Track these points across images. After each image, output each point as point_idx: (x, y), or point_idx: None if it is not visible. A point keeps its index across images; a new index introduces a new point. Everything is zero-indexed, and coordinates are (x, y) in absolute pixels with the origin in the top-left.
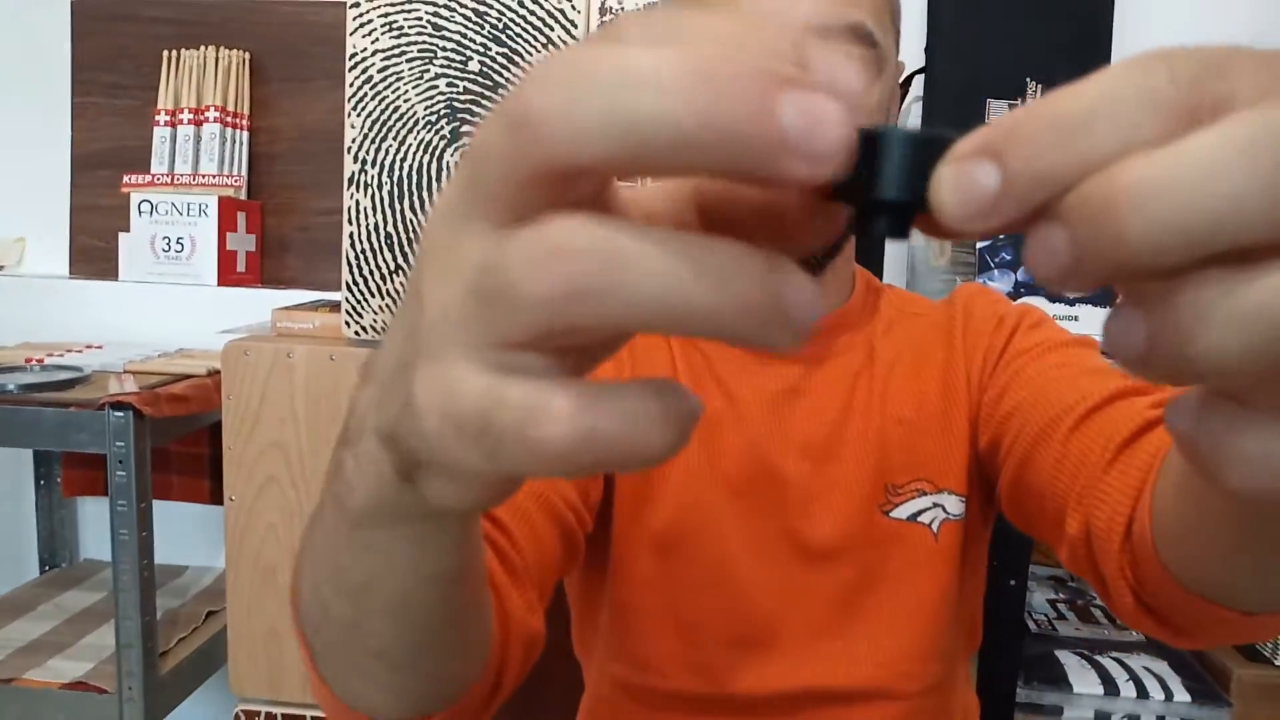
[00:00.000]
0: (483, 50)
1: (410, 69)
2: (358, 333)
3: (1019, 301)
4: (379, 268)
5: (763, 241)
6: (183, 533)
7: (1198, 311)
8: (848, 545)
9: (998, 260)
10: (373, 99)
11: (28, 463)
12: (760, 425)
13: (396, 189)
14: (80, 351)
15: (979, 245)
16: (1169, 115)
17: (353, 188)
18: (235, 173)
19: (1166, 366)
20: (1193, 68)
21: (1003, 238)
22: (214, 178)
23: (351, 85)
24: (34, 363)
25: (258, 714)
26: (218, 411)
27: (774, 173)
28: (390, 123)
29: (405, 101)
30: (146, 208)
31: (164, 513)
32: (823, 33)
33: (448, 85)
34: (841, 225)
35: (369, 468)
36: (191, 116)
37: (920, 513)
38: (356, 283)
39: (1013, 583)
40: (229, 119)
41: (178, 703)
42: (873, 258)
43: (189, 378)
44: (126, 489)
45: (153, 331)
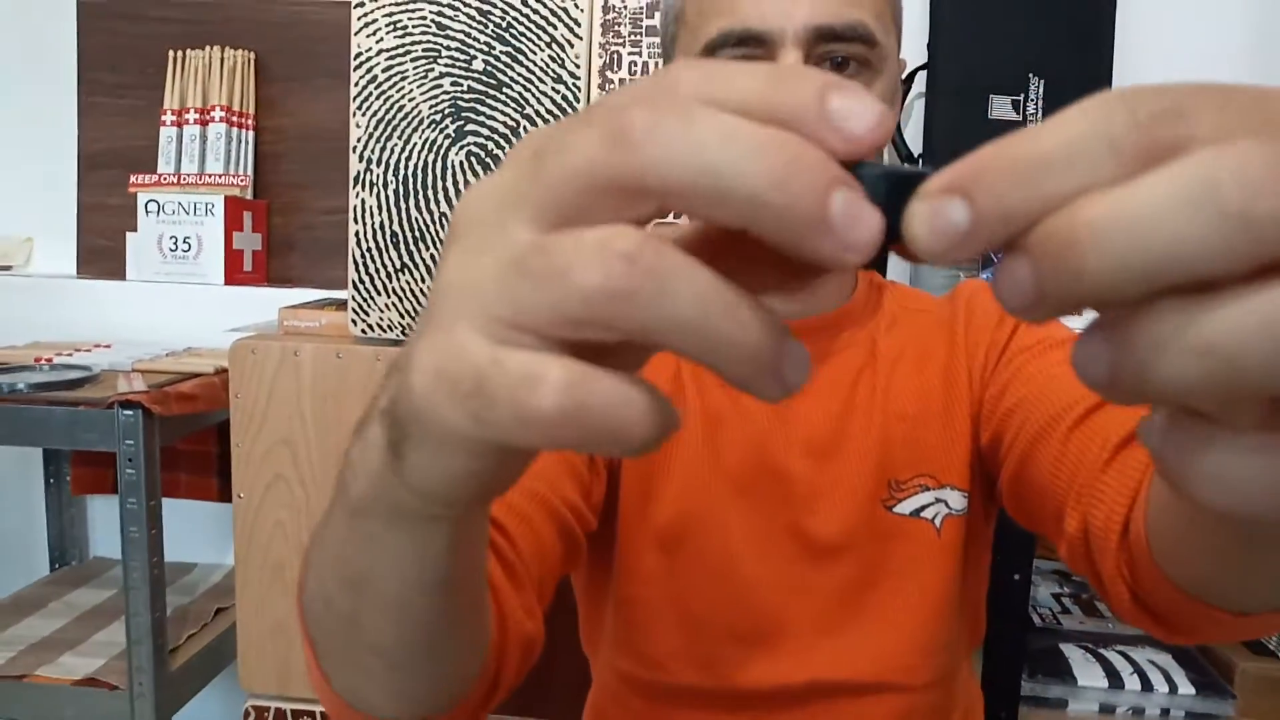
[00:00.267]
0: (487, 49)
1: (415, 68)
2: (364, 331)
3: None
4: (385, 266)
5: (757, 272)
6: (191, 531)
7: (1156, 342)
8: (851, 541)
9: (1000, 257)
10: (377, 98)
11: (37, 461)
12: (763, 422)
13: (402, 188)
14: (89, 351)
15: None
16: (1128, 156)
17: (358, 186)
18: (241, 172)
19: (1129, 393)
20: (1152, 109)
21: None
22: (220, 177)
23: (356, 85)
24: (43, 362)
25: (267, 709)
26: (225, 410)
27: (807, 246)
28: (395, 122)
29: (410, 100)
30: (154, 207)
31: (172, 511)
32: (826, 34)
33: (452, 84)
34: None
35: (369, 450)
36: (197, 116)
37: (923, 508)
38: (362, 281)
39: (1017, 577)
40: (235, 119)
41: (188, 699)
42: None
43: (197, 376)
44: (136, 487)
45: (160, 330)
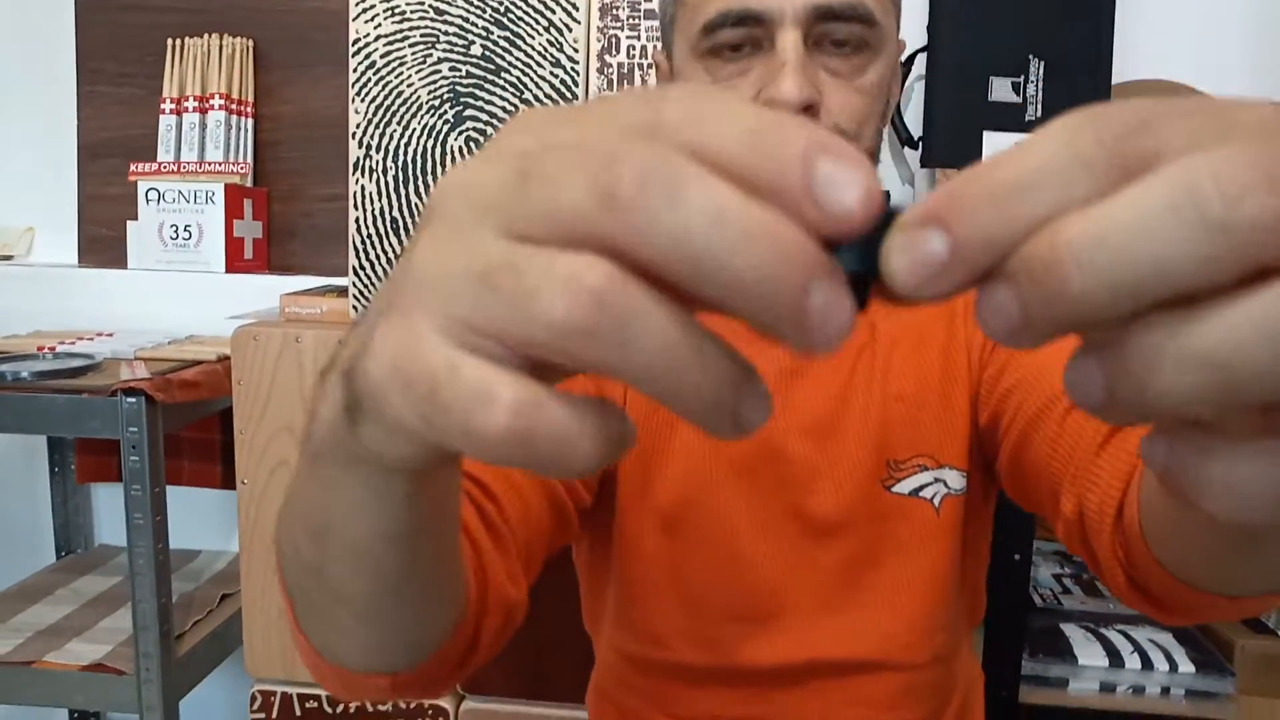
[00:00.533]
0: (485, 34)
1: (413, 54)
2: None
3: None
4: (385, 252)
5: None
6: (195, 518)
7: (1150, 357)
8: (850, 520)
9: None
10: (376, 84)
11: (42, 450)
12: None
13: (401, 174)
14: (91, 339)
15: None
16: (1100, 174)
17: (358, 173)
18: (241, 160)
19: (1128, 412)
20: (1118, 126)
21: None
22: (220, 165)
23: (355, 71)
24: (46, 350)
25: (273, 694)
26: (228, 397)
27: (777, 333)
28: (394, 108)
29: (409, 86)
30: (154, 196)
31: (176, 498)
32: (825, 14)
33: (450, 70)
34: None
35: (328, 399)
36: (197, 104)
37: (922, 488)
38: (363, 267)
39: (1017, 557)
40: (234, 106)
41: (194, 684)
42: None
43: (199, 364)
44: (140, 474)
45: (162, 318)
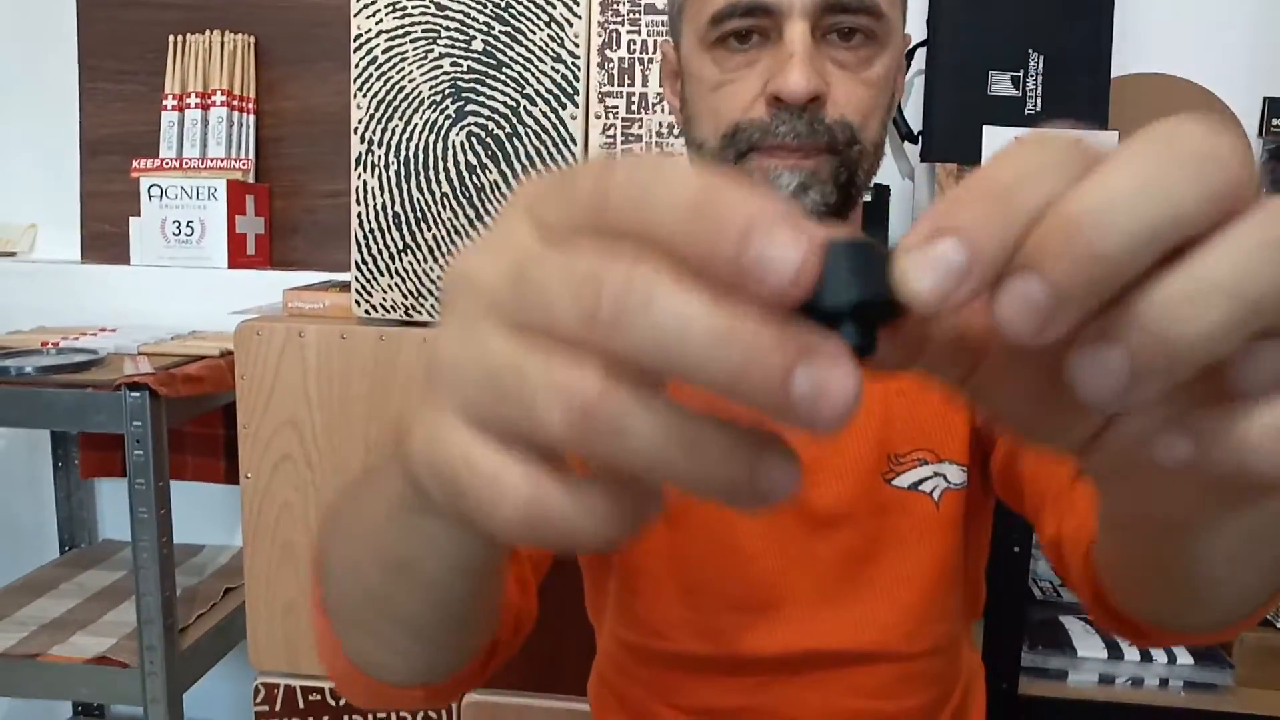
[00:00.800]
0: (486, 29)
1: (414, 49)
2: (368, 311)
3: None
4: (387, 247)
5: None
6: (199, 513)
7: (1164, 309)
8: (850, 512)
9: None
10: (378, 80)
11: (46, 446)
12: None
13: (403, 169)
14: (94, 335)
15: None
16: (1075, 166)
17: (360, 168)
18: (243, 156)
19: (1153, 377)
20: (1069, 137)
21: None
22: (222, 161)
23: (356, 66)
24: (50, 346)
25: (277, 686)
26: (231, 392)
27: (779, 420)
28: (396, 103)
29: (410, 82)
30: (156, 192)
31: (180, 493)
32: (833, 6)
33: (452, 65)
34: None
35: (400, 466)
36: (198, 101)
37: (921, 481)
38: (365, 262)
39: (1017, 549)
40: (235, 103)
41: (198, 676)
42: (878, 235)
43: (202, 359)
44: (144, 468)
45: (165, 314)
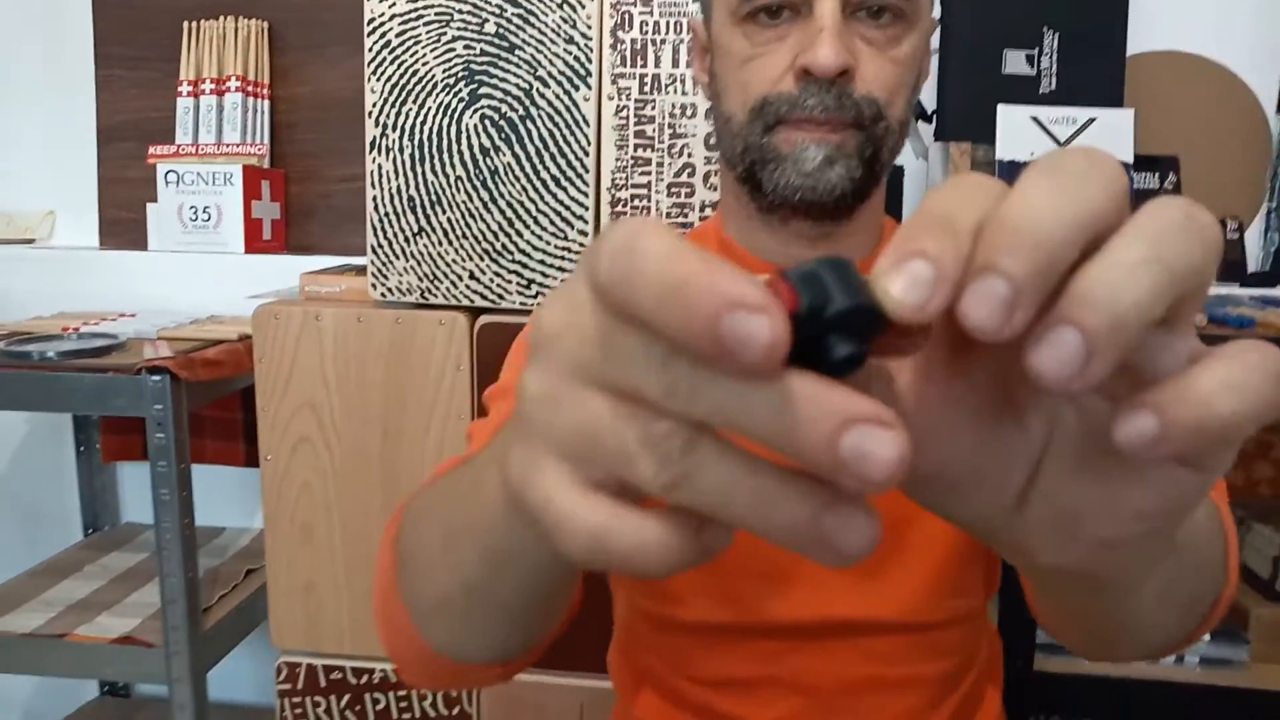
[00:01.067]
0: (498, 12)
1: (428, 32)
2: (384, 294)
3: None
4: (403, 230)
5: None
6: (219, 496)
7: (1110, 281)
8: None
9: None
10: (391, 63)
11: (68, 431)
12: None
13: (417, 151)
14: (114, 320)
15: None
16: (994, 193)
17: (374, 152)
18: (258, 141)
19: (1107, 343)
20: (985, 177)
21: None
22: (238, 147)
23: (370, 50)
24: (71, 331)
25: (299, 665)
26: (250, 375)
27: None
28: (409, 86)
29: (423, 65)
30: (173, 178)
31: (200, 476)
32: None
33: (465, 48)
34: None
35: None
36: (213, 87)
37: None
38: (381, 245)
39: None
40: (250, 88)
41: (221, 656)
42: (894, 213)
43: (221, 343)
44: (166, 450)
45: (183, 299)
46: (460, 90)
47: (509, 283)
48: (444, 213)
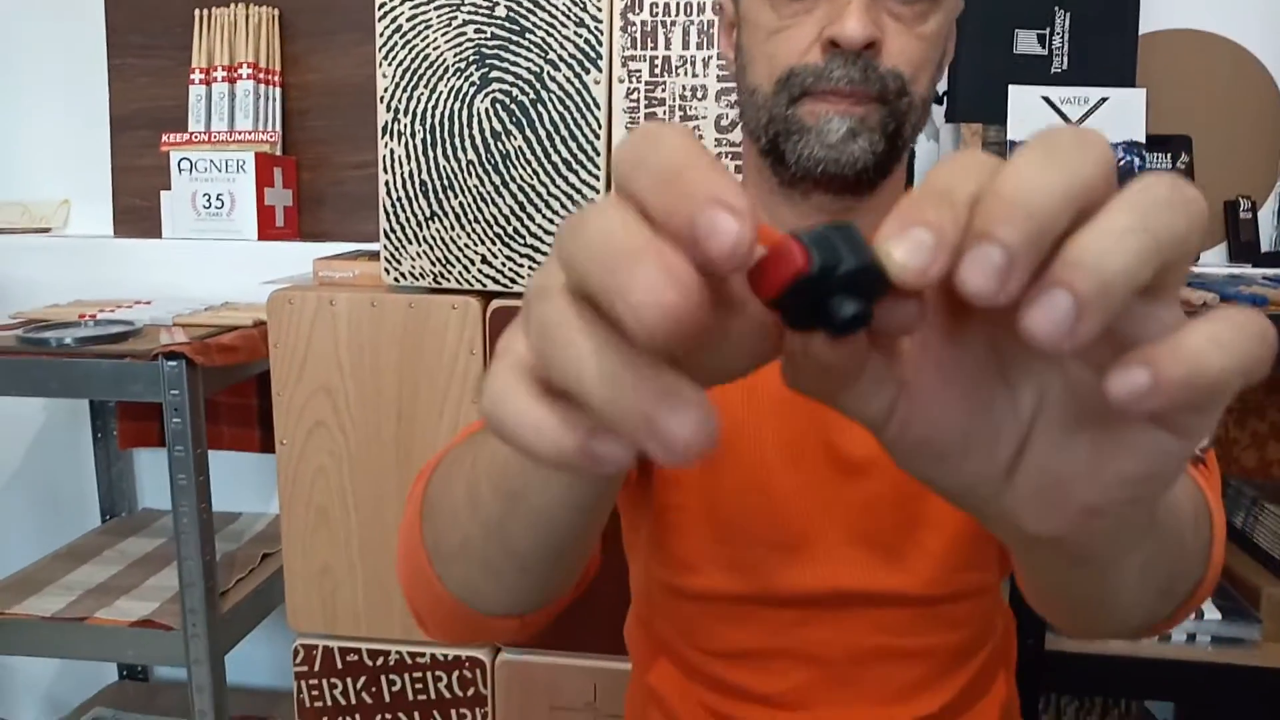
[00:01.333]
0: None
1: (438, 16)
2: (397, 279)
3: None
4: (415, 215)
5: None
6: (234, 481)
7: (1099, 246)
8: (881, 460)
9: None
10: (403, 48)
11: (85, 418)
12: None
13: (429, 136)
14: (130, 307)
15: None
16: (989, 167)
17: (386, 136)
18: (270, 128)
19: (1096, 304)
20: (982, 154)
21: None
22: (250, 134)
23: (381, 35)
24: (87, 318)
25: (316, 647)
26: (265, 361)
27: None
28: (421, 71)
29: (435, 49)
30: (186, 166)
31: (215, 462)
32: None
33: (475, 31)
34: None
35: None
36: (225, 74)
37: None
38: (394, 230)
39: None
40: (262, 75)
41: (239, 639)
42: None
43: (236, 328)
44: (183, 435)
45: (197, 286)
46: (471, 74)
47: (521, 266)
48: (456, 197)
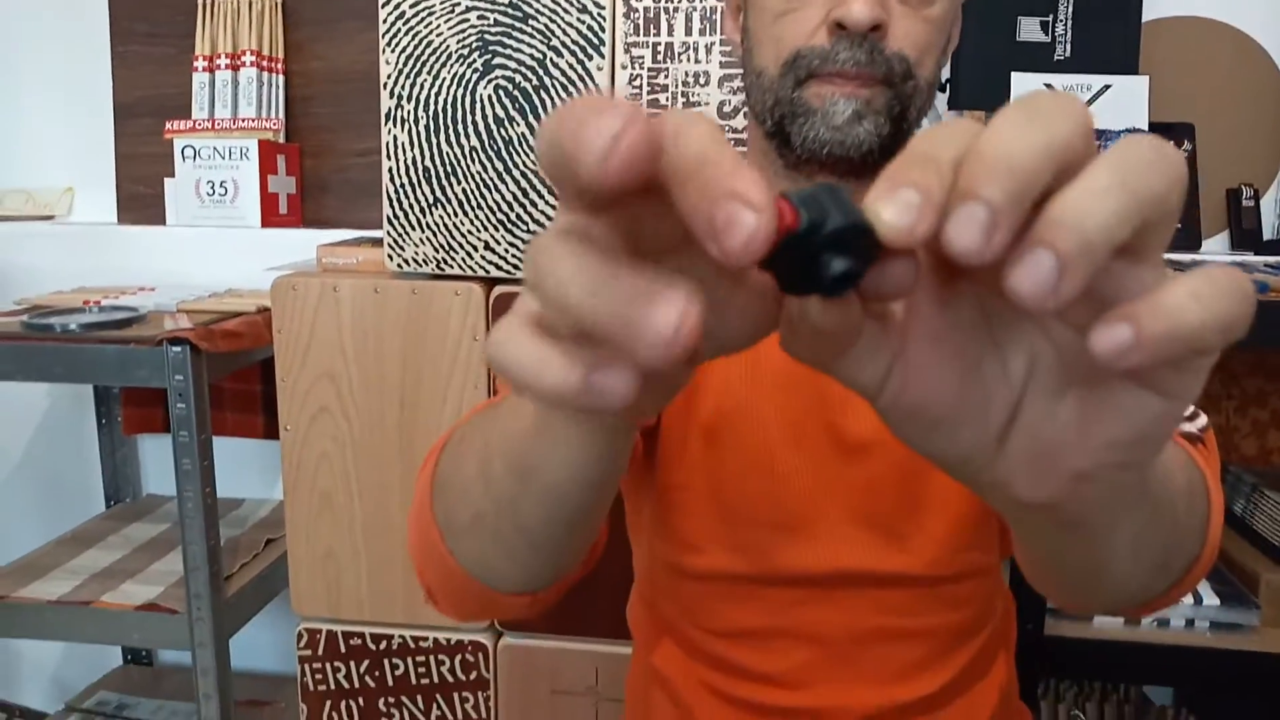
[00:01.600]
0: None
1: (441, 3)
2: (400, 265)
3: None
4: (418, 201)
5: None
6: (238, 467)
7: (1080, 204)
8: (883, 440)
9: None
10: (406, 34)
11: (89, 404)
12: None
13: (433, 123)
14: (134, 294)
15: None
16: (971, 132)
17: (390, 123)
18: (273, 116)
19: (1079, 261)
20: (965, 121)
21: None
22: (253, 122)
23: (385, 21)
24: (92, 304)
25: (319, 631)
26: (268, 348)
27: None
28: (424, 57)
29: (438, 36)
30: (190, 153)
31: (219, 448)
32: None
33: (478, 18)
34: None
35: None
36: (229, 61)
37: None
38: (397, 217)
39: None
40: (265, 63)
41: (243, 622)
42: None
43: (240, 315)
44: (187, 420)
45: (201, 274)
46: (474, 61)
47: (524, 253)
48: (459, 183)
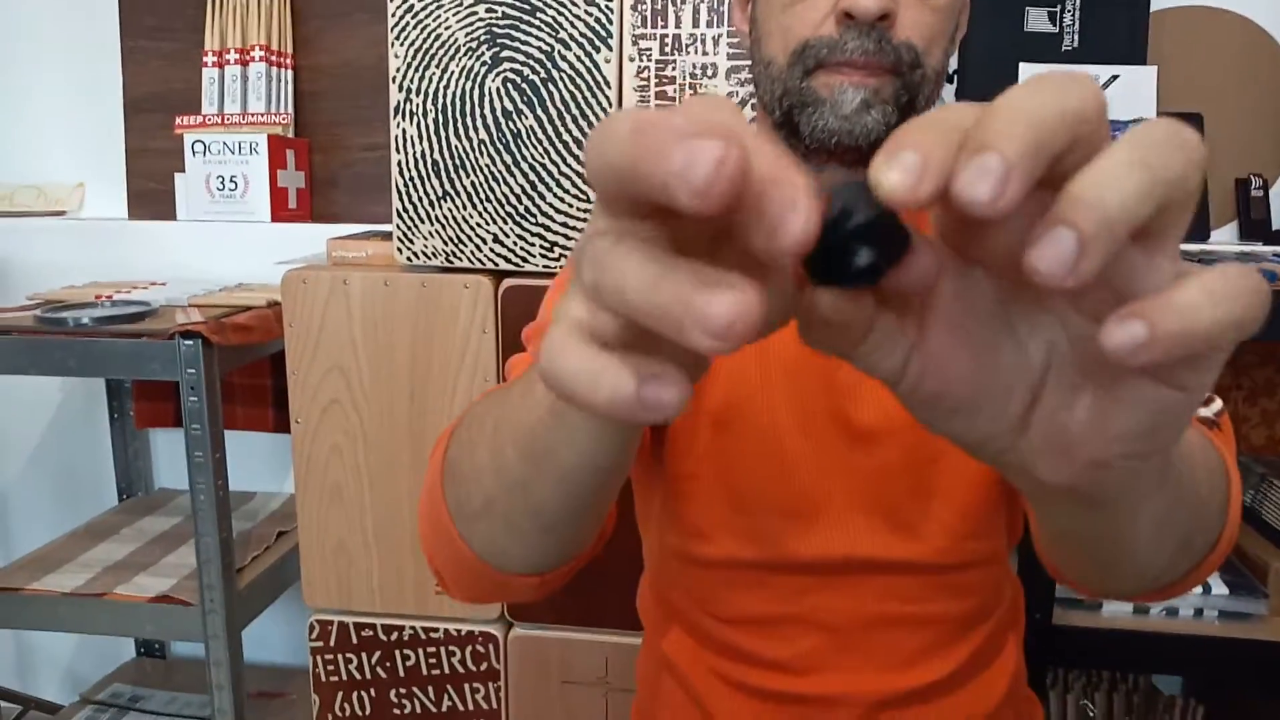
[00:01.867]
0: None
1: None
2: (410, 259)
3: None
4: (427, 194)
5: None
6: (250, 461)
7: (1101, 181)
8: (891, 428)
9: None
10: (414, 28)
11: (101, 398)
12: None
13: (441, 116)
14: (145, 288)
15: None
16: (977, 108)
17: (399, 116)
18: (283, 111)
19: (1099, 238)
20: (967, 104)
21: None
22: (262, 116)
23: (394, 15)
24: (104, 299)
25: (331, 623)
26: (279, 341)
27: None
28: (433, 50)
29: (446, 29)
30: (200, 148)
31: (231, 442)
32: None
33: (486, 11)
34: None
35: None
36: (238, 57)
37: None
38: (406, 210)
39: None
40: (274, 58)
41: (255, 614)
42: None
43: (251, 309)
44: (199, 413)
45: (211, 268)
46: (483, 54)
47: (533, 246)
48: (468, 177)
